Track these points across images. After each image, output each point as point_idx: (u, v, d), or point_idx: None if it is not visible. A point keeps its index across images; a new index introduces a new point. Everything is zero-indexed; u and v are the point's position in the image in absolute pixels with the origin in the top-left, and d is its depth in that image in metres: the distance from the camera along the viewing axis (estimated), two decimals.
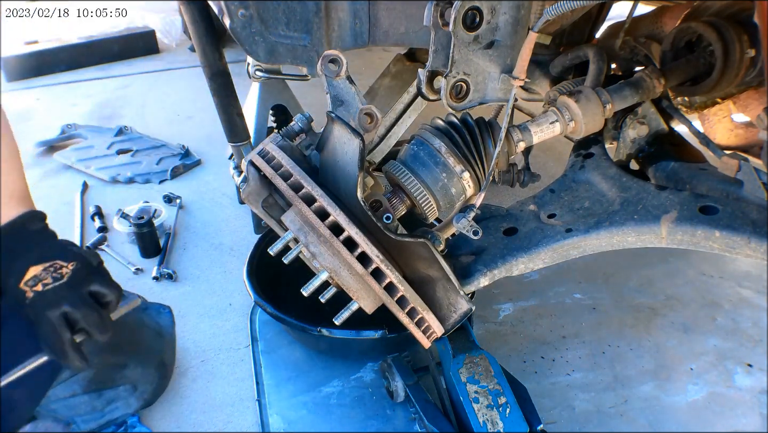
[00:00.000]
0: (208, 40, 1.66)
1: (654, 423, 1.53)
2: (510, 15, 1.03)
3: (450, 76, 1.05)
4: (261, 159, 0.97)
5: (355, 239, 0.89)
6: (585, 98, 1.08)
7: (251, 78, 2.15)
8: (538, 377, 1.65)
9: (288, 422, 1.50)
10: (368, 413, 1.53)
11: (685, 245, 1.00)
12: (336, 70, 0.93)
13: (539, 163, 2.69)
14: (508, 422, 1.23)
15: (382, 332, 1.49)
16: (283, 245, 0.99)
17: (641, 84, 1.17)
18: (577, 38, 1.72)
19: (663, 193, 1.06)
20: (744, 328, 1.83)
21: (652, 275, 2.06)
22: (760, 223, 0.93)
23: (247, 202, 1.08)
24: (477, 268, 1.13)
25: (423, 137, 1.04)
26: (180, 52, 4.40)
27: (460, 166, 1.01)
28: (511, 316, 1.87)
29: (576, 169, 1.24)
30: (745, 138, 1.43)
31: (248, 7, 1.29)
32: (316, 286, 0.98)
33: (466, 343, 1.36)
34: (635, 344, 1.77)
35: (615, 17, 1.61)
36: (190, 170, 2.67)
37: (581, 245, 1.08)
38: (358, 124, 0.93)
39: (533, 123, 1.08)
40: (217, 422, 1.50)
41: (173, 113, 3.28)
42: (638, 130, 1.24)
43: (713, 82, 1.22)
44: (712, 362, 1.71)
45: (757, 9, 0.79)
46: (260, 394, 1.58)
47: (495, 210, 1.24)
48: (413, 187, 1.01)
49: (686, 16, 1.32)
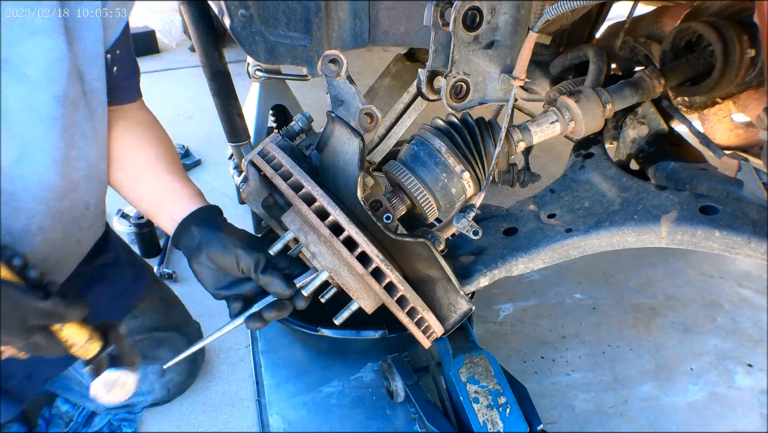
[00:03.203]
0: (208, 40, 1.66)
1: (654, 423, 1.53)
2: (510, 15, 1.03)
3: (450, 76, 1.05)
4: (261, 159, 0.97)
5: (355, 238, 0.89)
6: (585, 98, 1.08)
7: (251, 78, 2.15)
8: (538, 377, 1.65)
9: (288, 422, 1.51)
10: (368, 413, 1.53)
11: (685, 245, 1.00)
12: (336, 70, 0.93)
13: (539, 163, 2.69)
14: (508, 422, 1.23)
15: (382, 332, 1.49)
16: (283, 244, 0.99)
17: (641, 84, 1.17)
18: (577, 38, 1.72)
19: (663, 193, 1.06)
20: (744, 328, 1.83)
21: (652, 275, 2.06)
22: (760, 223, 0.93)
23: (247, 202, 1.07)
24: (477, 268, 1.13)
25: (423, 137, 1.03)
26: (180, 52, 4.40)
27: (461, 166, 1.01)
28: (511, 316, 1.87)
29: (576, 169, 1.24)
30: (745, 138, 1.43)
31: (248, 7, 1.29)
32: (317, 286, 0.98)
33: (466, 343, 1.36)
34: (635, 344, 1.77)
35: (615, 17, 1.61)
36: (190, 170, 2.67)
37: (581, 245, 1.08)
38: (358, 124, 0.93)
39: (533, 123, 1.08)
40: (217, 422, 1.50)
41: (173, 113, 3.28)
42: (638, 130, 1.24)
43: (713, 82, 1.22)
44: (712, 362, 1.71)
45: (757, 9, 0.78)
46: (260, 394, 1.58)
47: (495, 210, 1.24)
48: (413, 187, 1.01)
49: (686, 16, 1.32)
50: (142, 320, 1.42)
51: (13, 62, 0.90)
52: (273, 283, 0.94)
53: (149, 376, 1.43)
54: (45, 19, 0.91)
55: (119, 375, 0.91)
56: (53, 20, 0.92)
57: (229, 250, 0.96)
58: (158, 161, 1.16)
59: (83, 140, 1.05)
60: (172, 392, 1.49)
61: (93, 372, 0.90)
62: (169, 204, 1.09)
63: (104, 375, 0.90)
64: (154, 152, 1.17)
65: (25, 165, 0.97)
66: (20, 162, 0.96)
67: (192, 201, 1.08)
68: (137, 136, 1.17)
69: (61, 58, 0.95)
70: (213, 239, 0.98)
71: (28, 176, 0.98)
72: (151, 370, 1.43)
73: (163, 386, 1.46)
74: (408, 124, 1.86)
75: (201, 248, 0.98)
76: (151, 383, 1.44)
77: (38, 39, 0.92)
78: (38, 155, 0.98)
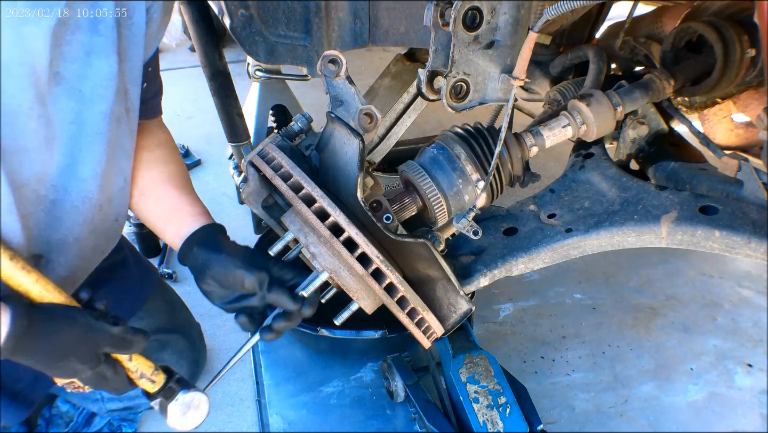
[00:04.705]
0: (208, 40, 1.66)
1: (654, 423, 1.53)
2: (510, 15, 1.03)
3: (450, 76, 1.05)
4: (261, 159, 0.97)
5: (355, 239, 0.89)
6: (596, 102, 1.08)
7: (251, 78, 2.15)
8: (538, 377, 1.65)
9: (288, 422, 1.51)
10: (368, 413, 1.53)
11: (685, 245, 1.00)
12: (336, 71, 0.93)
13: (539, 163, 2.69)
14: (508, 422, 1.23)
15: (382, 332, 1.49)
16: (283, 245, 0.99)
17: (651, 86, 1.17)
18: (577, 38, 1.72)
19: (663, 194, 1.06)
20: (744, 328, 1.83)
21: (652, 275, 2.06)
22: (760, 223, 0.93)
23: (247, 203, 1.07)
24: (477, 268, 1.13)
25: (444, 142, 1.04)
26: (180, 52, 4.39)
27: (477, 174, 1.02)
28: (511, 316, 1.87)
29: (576, 169, 1.24)
30: (745, 138, 1.43)
31: (248, 7, 1.29)
32: (317, 287, 0.98)
33: (466, 343, 1.36)
34: (635, 344, 1.77)
35: (615, 17, 1.61)
36: (190, 170, 2.67)
37: (581, 245, 1.08)
38: (357, 125, 0.93)
39: (545, 127, 1.08)
40: (217, 422, 1.50)
41: (173, 113, 3.28)
42: (638, 130, 1.24)
43: (713, 82, 1.22)
44: (712, 362, 1.71)
45: (757, 9, 0.78)
46: (260, 394, 1.58)
47: (495, 210, 1.24)
48: (428, 189, 1.01)
49: (686, 16, 1.32)
50: (147, 322, 1.42)
51: (68, 78, 0.93)
52: (280, 300, 0.96)
53: None
54: (103, 38, 0.94)
55: (193, 396, 0.92)
56: (110, 39, 0.95)
57: (231, 271, 0.98)
58: (171, 179, 1.19)
59: (123, 156, 1.08)
60: None
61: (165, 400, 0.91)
62: (176, 220, 1.11)
63: (180, 399, 0.91)
64: (168, 171, 1.20)
65: (69, 176, 0.99)
66: (64, 173, 0.98)
67: (197, 219, 1.10)
68: (155, 155, 1.20)
69: (112, 77, 0.98)
70: (214, 260, 1.00)
71: (70, 187, 1.00)
72: None
73: None
74: (408, 124, 1.86)
75: (204, 269, 1.00)
76: None
77: (94, 58, 0.94)
78: (82, 168, 1.00)
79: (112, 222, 1.13)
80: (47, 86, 0.90)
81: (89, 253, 1.11)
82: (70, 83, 0.93)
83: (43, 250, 1.00)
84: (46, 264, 1.01)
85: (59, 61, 0.91)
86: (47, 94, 0.91)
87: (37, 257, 0.99)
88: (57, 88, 0.92)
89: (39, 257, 0.99)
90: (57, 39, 0.88)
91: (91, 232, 1.08)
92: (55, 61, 0.90)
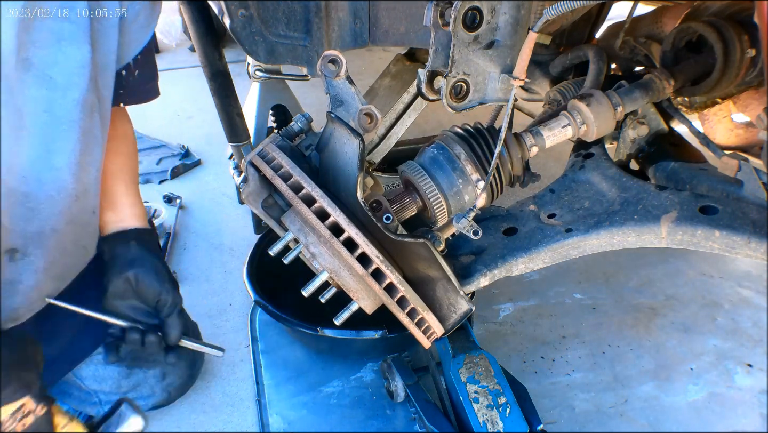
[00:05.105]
0: (208, 40, 1.66)
1: (654, 423, 1.53)
2: (510, 15, 1.03)
3: (450, 76, 1.05)
4: (261, 159, 0.97)
5: (355, 239, 0.89)
6: (596, 102, 1.08)
7: (251, 78, 2.15)
8: (538, 377, 1.65)
9: (288, 422, 1.51)
10: (368, 413, 1.53)
11: (685, 245, 1.00)
12: (336, 71, 0.93)
13: (539, 163, 2.69)
14: (508, 422, 1.23)
15: (382, 332, 1.49)
16: (283, 245, 0.99)
17: (651, 86, 1.17)
18: (577, 38, 1.72)
19: (663, 194, 1.06)
20: (744, 328, 1.83)
21: (652, 275, 2.06)
22: (760, 223, 0.93)
23: (247, 203, 1.07)
24: (477, 268, 1.13)
25: (444, 142, 1.04)
26: (180, 52, 4.39)
27: (477, 174, 1.02)
28: (511, 316, 1.87)
29: (576, 169, 1.24)
30: (745, 138, 1.43)
31: (248, 7, 1.29)
32: (317, 286, 0.98)
33: (466, 343, 1.36)
34: (635, 344, 1.77)
35: (615, 17, 1.61)
36: (190, 170, 2.67)
37: (581, 245, 1.08)
38: (357, 125, 0.93)
39: (545, 127, 1.08)
40: (217, 422, 1.50)
41: (173, 113, 3.28)
42: (638, 130, 1.24)
43: (713, 82, 1.22)
44: (712, 362, 1.71)
45: (757, 9, 0.78)
46: (260, 394, 1.58)
47: (495, 210, 1.24)
48: (428, 189, 1.01)
49: (686, 16, 1.32)
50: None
51: (38, 65, 0.91)
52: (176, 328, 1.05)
53: (149, 380, 1.43)
54: (74, 26, 0.93)
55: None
56: (82, 27, 0.94)
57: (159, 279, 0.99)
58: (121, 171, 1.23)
59: (95, 146, 1.07)
60: (172, 395, 1.49)
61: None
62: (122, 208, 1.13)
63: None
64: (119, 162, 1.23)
65: (42, 167, 0.98)
66: (37, 163, 0.97)
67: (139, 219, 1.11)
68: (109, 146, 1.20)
69: (85, 65, 0.97)
70: (148, 262, 1.02)
71: (44, 178, 0.99)
72: (151, 374, 1.43)
73: (163, 389, 1.46)
74: (408, 124, 1.86)
75: (133, 264, 1.01)
76: (152, 386, 1.44)
77: (65, 45, 0.93)
78: (56, 157, 0.99)
79: (89, 214, 1.12)
80: (15, 73, 0.88)
81: (69, 245, 1.10)
82: (40, 69, 0.92)
83: (19, 243, 0.99)
84: (22, 258, 1.00)
85: (28, 47, 0.89)
86: (15, 80, 0.89)
87: (12, 251, 0.98)
88: (26, 75, 0.90)
89: (14, 251, 0.98)
90: (25, 24, 0.86)
91: (69, 223, 1.07)
92: (24, 46, 0.88)
